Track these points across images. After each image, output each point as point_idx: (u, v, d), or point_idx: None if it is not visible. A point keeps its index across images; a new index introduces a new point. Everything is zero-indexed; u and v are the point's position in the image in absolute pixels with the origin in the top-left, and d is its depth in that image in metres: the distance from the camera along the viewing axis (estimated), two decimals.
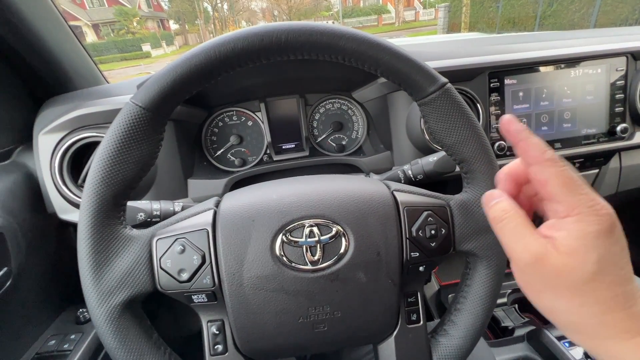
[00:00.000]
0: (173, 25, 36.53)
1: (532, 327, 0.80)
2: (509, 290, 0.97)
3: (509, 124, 0.29)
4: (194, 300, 0.38)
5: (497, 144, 0.69)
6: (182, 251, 0.37)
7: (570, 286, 0.26)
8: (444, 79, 0.37)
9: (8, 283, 0.53)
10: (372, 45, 0.35)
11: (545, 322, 0.88)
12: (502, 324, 0.86)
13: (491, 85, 0.68)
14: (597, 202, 0.26)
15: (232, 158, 0.79)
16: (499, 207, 0.30)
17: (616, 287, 0.25)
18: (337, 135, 0.82)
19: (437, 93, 0.37)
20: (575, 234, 0.25)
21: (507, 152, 0.71)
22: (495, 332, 0.88)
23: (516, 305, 0.89)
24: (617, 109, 0.72)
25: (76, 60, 0.72)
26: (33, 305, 0.61)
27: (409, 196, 0.42)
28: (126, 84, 0.70)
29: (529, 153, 0.28)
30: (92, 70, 0.78)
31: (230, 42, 0.34)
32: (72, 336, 0.61)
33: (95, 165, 0.34)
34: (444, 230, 0.40)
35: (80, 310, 0.65)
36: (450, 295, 0.94)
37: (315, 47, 0.35)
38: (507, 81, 0.69)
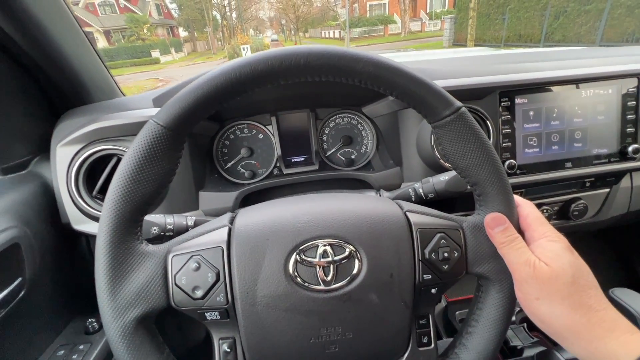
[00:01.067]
0: (182, 33, 37.24)
1: (542, 348, 0.79)
2: (518, 309, 0.96)
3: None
4: (207, 317, 0.39)
5: (507, 163, 0.69)
6: (197, 268, 0.37)
7: (560, 289, 0.33)
8: (458, 103, 0.38)
9: (22, 293, 0.54)
10: (389, 69, 0.36)
11: (554, 344, 0.86)
12: (511, 344, 0.84)
13: (502, 104, 0.69)
14: (556, 231, 0.37)
15: (243, 170, 0.79)
16: (507, 233, 0.38)
17: (590, 290, 0.33)
18: (346, 150, 0.83)
19: (452, 117, 0.37)
20: (548, 248, 0.35)
21: (517, 171, 0.71)
22: (504, 351, 0.87)
23: (525, 324, 0.88)
24: (628, 130, 0.72)
25: (94, 73, 0.74)
26: (43, 315, 0.62)
27: (421, 217, 0.42)
28: (142, 97, 0.72)
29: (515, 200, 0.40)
30: (109, 82, 0.80)
31: (251, 64, 0.35)
32: (81, 346, 0.61)
33: (116, 182, 0.35)
34: (456, 253, 0.40)
35: (90, 320, 0.66)
36: (457, 313, 0.93)
37: (333, 70, 0.36)
38: (517, 100, 0.69)
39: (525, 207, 0.40)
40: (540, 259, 0.35)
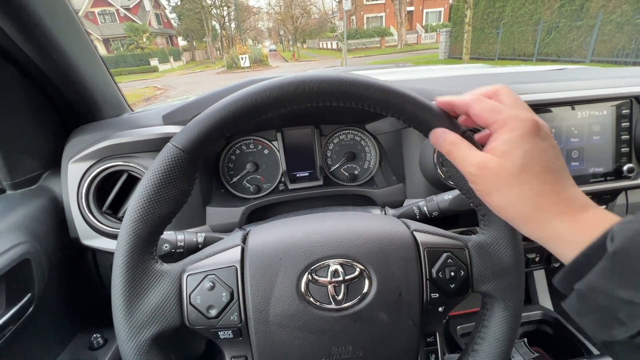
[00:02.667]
0: (181, 42, 37.55)
1: None
2: None
3: (440, 99, 0.38)
4: (220, 336, 0.39)
5: None
6: (212, 288, 0.38)
7: (507, 181, 0.32)
8: (463, 127, 0.40)
9: (30, 309, 0.54)
10: (397, 95, 0.38)
11: (555, 357, 0.87)
12: (512, 359, 0.85)
13: None
14: (520, 113, 0.33)
15: (248, 185, 0.81)
16: (447, 139, 0.36)
17: (545, 175, 0.31)
18: (349, 165, 0.85)
19: None
20: (504, 139, 0.32)
21: None
22: None
23: (525, 339, 0.89)
24: (623, 149, 0.74)
25: (105, 90, 0.76)
26: (49, 330, 0.62)
27: (428, 237, 0.43)
28: (151, 114, 0.73)
29: (464, 100, 0.36)
30: (118, 98, 0.81)
31: (266, 90, 0.36)
32: None
33: (135, 203, 0.36)
34: (462, 272, 0.41)
35: (94, 335, 0.65)
36: (459, 327, 0.93)
37: (344, 96, 0.38)
38: None
39: (475, 103, 0.35)
40: (494, 152, 0.33)
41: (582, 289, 0.28)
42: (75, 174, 0.63)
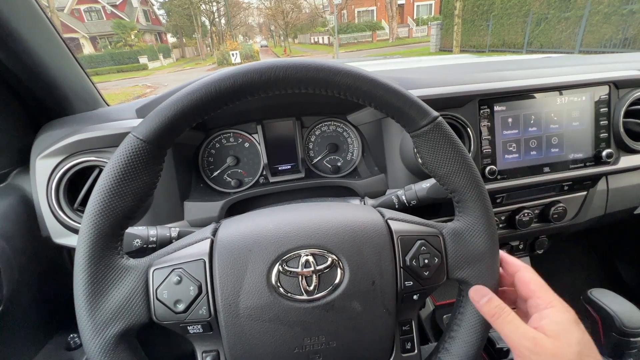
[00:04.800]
0: (171, 39, 36.98)
1: None
2: None
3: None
4: (190, 331, 0.39)
5: (487, 169, 0.71)
6: (179, 282, 0.37)
7: None
8: (435, 113, 0.39)
9: None
10: (367, 81, 0.37)
11: None
12: (497, 346, 0.85)
13: (481, 111, 0.71)
14: (561, 299, 0.35)
15: (229, 179, 0.79)
16: (493, 303, 0.37)
17: None
18: (332, 157, 0.84)
19: (429, 126, 0.38)
20: (556, 320, 0.34)
21: (498, 176, 0.72)
22: (491, 354, 0.88)
23: None
24: (601, 135, 0.75)
25: (76, 84, 0.73)
26: (23, 331, 0.60)
27: (402, 225, 0.43)
28: (125, 107, 0.71)
29: (516, 263, 0.41)
30: (92, 93, 0.79)
31: (230, 77, 0.35)
32: None
33: (95, 196, 0.34)
34: (437, 260, 0.41)
35: (71, 335, 0.64)
36: (445, 316, 0.94)
37: (312, 83, 0.37)
38: (496, 108, 0.71)
39: (526, 272, 0.39)
40: (545, 331, 0.33)
41: None
42: (44, 170, 0.61)
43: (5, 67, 0.60)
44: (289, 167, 0.82)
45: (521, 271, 0.39)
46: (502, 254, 0.42)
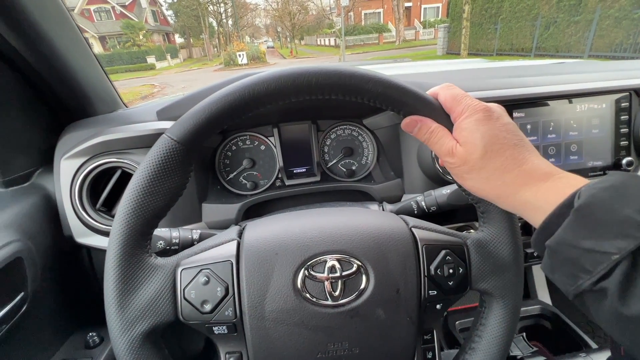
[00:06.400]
0: (178, 39, 37.29)
1: (542, 358, 0.80)
2: None
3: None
4: (215, 331, 0.39)
5: None
6: (207, 282, 0.37)
7: (474, 164, 0.34)
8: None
9: (24, 308, 0.53)
10: (397, 88, 0.37)
11: (555, 354, 0.87)
12: (511, 354, 0.85)
13: None
14: (475, 103, 0.36)
15: (245, 181, 0.80)
16: (425, 128, 0.38)
17: (505, 152, 0.33)
18: (347, 161, 0.84)
19: None
20: (463, 127, 0.35)
21: None
22: None
23: (524, 334, 0.89)
24: (622, 143, 0.74)
25: (98, 86, 0.74)
26: (44, 329, 0.61)
27: (427, 233, 0.43)
28: (145, 109, 0.72)
29: (435, 88, 0.39)
30: (112, 94, 0.80)
31: (264, 82, 0.35)
32: None
33: (128, 195, 0.35)
34: (461, 270, 0.41)
35: (90, 334, 0.65)
36: (457, 322, 0.93)
37: (343, 89, 0.37)
38: (515, 114, 0.71)
39: (441, 92, 0.38)
40: (458, 141, 0.35)
41: (552, 245, 0.30)
42: (67, 170, 0.62)
43: (32, 68, 0.61)
44: (304, 170, 0.82)
45: (439, 95, 0.38)
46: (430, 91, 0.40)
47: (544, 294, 1.05)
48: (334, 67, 0.36)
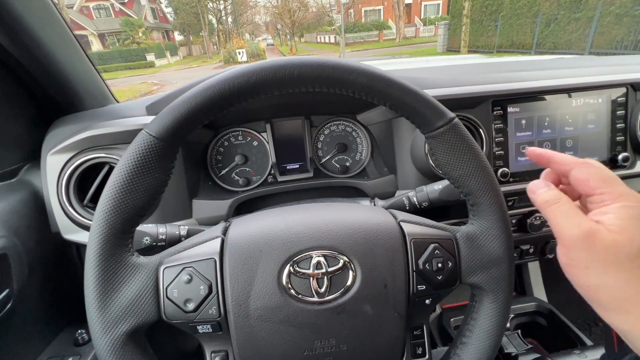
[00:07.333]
0: (178, 37, 37.19)
1: (537, 355, 0.79)
2: (512, 315, 0.96)
3: (534, 150, 0.37)
4: (199, 330, 0.38)
5: (500, 171, 0.69)
6: (189, 281, 0.37)
7: (618, 262, 0.28)
8: (451, 114, 0.38)
9: (9, 305, 0.52)
10: (382, 80, 0.36)
11: (550, 351, 0.86)
12: (505, 351, 0.84)
13: (494, 112, 0.69)
14: (635, 192, 0.30)
15: (237, 177, 0.79)
16: (550, 193, 0.33)
17: None
18: (341, 157, 0.83)
19: (444, 127, 0.38)
20: (623, 215, 0.29)
21: (510, 179, 0.71)
22: (499, 359, 0.87)
23: (519, 331, 0.88)
24: (618, 138, 0.73)
25: (87, 80, 0.73)
26: (31, 326, 0.61)
27: (415, 227, 0.42)
28: (134, 104, 0.71)
29: (566, 160, 0.34)
30: (102, 89, 0.79)
31: (244, 75, 0.35)
32: (70, 359, 0.60)
33: (107, 193, 0.34)
34: (450, 264, 0.40)
35: (79, 331, 0.64)
36: (452, 319, 0.93)
37: (327, 81, 0.36)
38: (510, 109, 0.70)
39: (582, 169, 0.32)
40: (605, 225, 0.29)
41: None
42: (54, 166, 0.61)
43: (18, 62, 0.60)
44: (297, 166, 0.81)
45: (574, 170, 0.33)
46: (549, 152, 0.36)
47: (539, 291, 1.04)
48: (317, 58, 0.35)
